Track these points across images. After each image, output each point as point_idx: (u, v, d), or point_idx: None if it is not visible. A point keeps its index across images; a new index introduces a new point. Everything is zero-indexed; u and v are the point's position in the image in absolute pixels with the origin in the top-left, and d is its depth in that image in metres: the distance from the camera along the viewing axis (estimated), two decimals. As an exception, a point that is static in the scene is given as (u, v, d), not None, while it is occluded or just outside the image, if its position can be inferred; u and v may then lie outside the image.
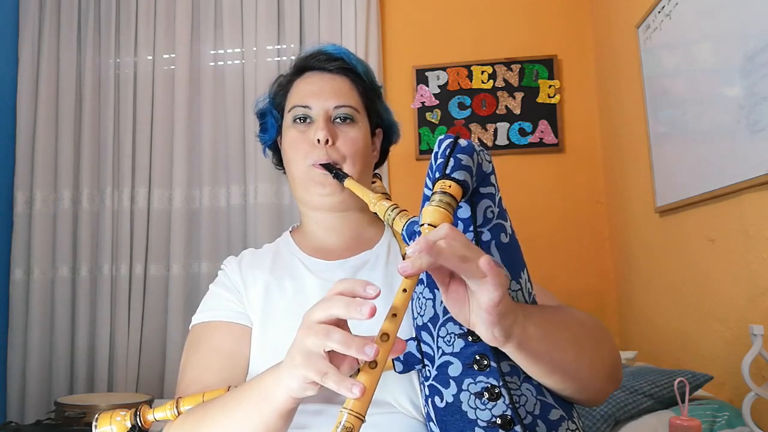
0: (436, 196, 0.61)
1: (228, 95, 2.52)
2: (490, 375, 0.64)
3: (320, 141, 0.87)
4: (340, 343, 0.54)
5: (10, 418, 2.34)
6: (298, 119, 0.91)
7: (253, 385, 0.67)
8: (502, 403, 0.63)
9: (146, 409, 0.79)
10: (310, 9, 2.52)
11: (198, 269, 2.45)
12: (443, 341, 0.67)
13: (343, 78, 0.93)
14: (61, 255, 2.45)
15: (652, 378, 1.34)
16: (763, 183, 1.26)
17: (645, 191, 1.90)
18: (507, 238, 0.68)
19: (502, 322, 0.57)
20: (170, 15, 2.56)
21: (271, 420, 0.63)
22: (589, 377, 0.68)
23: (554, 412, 0.66)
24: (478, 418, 0.64)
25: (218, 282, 0.93)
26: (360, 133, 0.91)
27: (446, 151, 0.64)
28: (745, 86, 1.30)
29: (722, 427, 1.20)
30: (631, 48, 1.96)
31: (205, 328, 0.88)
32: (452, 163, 0.63)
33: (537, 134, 2.41)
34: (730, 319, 1.43)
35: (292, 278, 0.89)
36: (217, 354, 0.84)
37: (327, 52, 0.93)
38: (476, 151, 0.66)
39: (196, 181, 2.52)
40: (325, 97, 0.90)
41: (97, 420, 0.79)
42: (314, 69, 0.93)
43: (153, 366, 2.41)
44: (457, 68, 2.47)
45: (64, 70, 2.54)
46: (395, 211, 0.78)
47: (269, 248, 0.98)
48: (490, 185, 0.68)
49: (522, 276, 0.69)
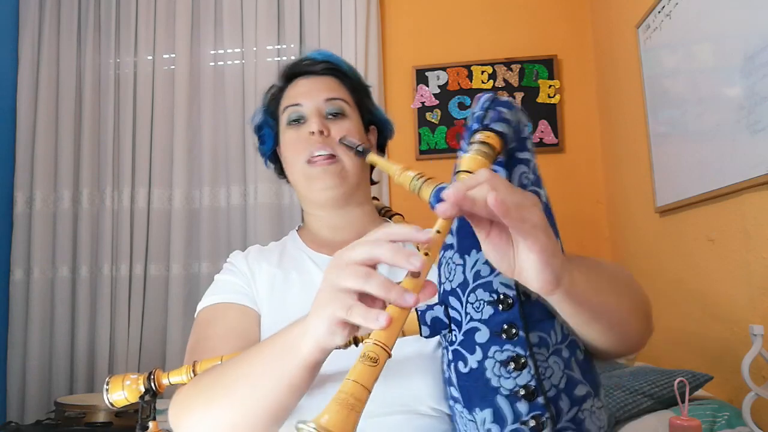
0: (474, 146, 0.58)
1: (228, 95, 2.52)
2: (517, 344, 0.63)
3: (314, 133, 0.89)
4: (379, 286, 0.51)
5: (10, 418, 2.34)
6: (292, 121, 0.94)
7: (277, 337, 0.64)
8: (527, 373, 0.62)
9: (160, 373, 0.76)
10: (310, 9, 2.52)
11: (198, 269, 2.45)
12: (472, 307, 0.65)
13: (331, 78, 0.97)
14: (61, 255, 2.45)
15: (652, 378, 1.34)
16: (763, 183, 1.26)
17: (645, 191, 1.90)
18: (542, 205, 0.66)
19: (553, 262, 0.53)
20: (170, 15, 2.56)
21: (296, 373, 0.60)
22: (629, 320, 0.67)
23: (581, 387, 0.65)
24: (501, 386, 0.63)
25: (225, 270, 0.95)
26: (352, 124, 0.94)
27: (485, 104, 0.62)
28: (745, 86, 1.30)
29: (722, 427, 1.20)
30: (631, 48, 1.96)
31: (215, 308, 0.88)
32: (492, 114, 0.60)
33: (537, 134, 2.41)
34: (730, 319, 1.43)
35: (298, 272, 0.91)
36: (232, 332, 0.83)
37: (312, 57, 0.98)
38: (516, 108, 0.64)
39: (196, 181, 2.52)
40: (315, 94, 0.93)
41: (108, 384, 0.76)
42: (302, 74, 0.97)
43: (153, 366, 2.37)
44: (457, 68, 2.47)
45: (64, 70, 2.54)
46: (421, 180, 0.74)
47: (276, 245, 1.00)
48: (527, 150, 0.66)
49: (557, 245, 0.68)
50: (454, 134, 2.45)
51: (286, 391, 0.62)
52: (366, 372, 0.47)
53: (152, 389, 0.76)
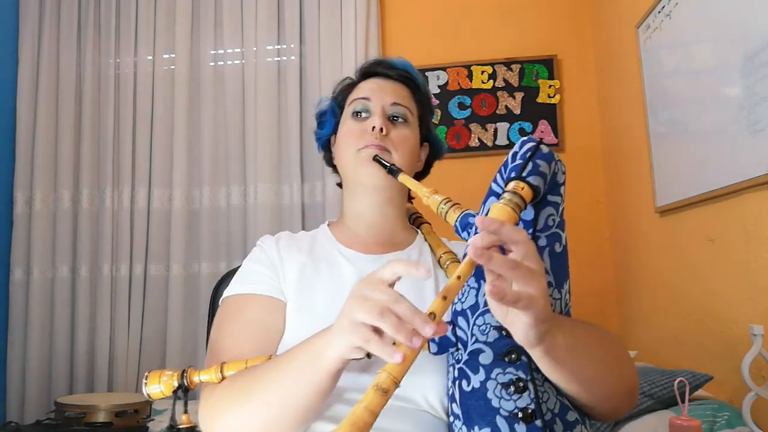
0: (507, 195, 0.63)
1: (228, 95, 2.52)
2: (519, 368, 0.66)
3: (375, 128, 0.92)
4: (392, 326, 0.57)
5: (10, 418, 2.34)
6: (356, 113, 0.97)
7: (303, 348, 0.71)
8: (527, 396, 0.65)
9: (193, 371, 0.83)
10: (310, 9, 2.52)
11: (198, 269, 2.45)
12: (478, 329, 0.68)
13: (403, 85, 1.00)
14: (60, 255, 2.45)
15: (652, 378, 1.34)
16: (763, 183, 1.26)
17: (645, 191, 1.90)
18: (560, 248, 0.71)
19: (539, 326, 0.58)
20: (170, 15, 2.56)
21: (322, 380, 0.68)
22: (605, 395, 0.70)
23: (571, 413, 0.69)
24: (501, 407, 0.66)
25: (253, 257, 0.97)
26: (411, 132, 0.97)
27: (526, 154, 0.66)
28: (745, 86, 1.30)
29: (722, 427, 1.20)
30: (631, 48, 1.96)
31: (239, 299, 0.90)
32: (530, 167, 0.65)
33: (537, 134, 2.41)
34: (730, 319, 1.43)
35: (328, 263, 0.93)
36: (252, 325, 0.87)
37: (391, 62, 1.02)
38: (555, 160, 0.68)
39: (196, 181, 2.52)
40: (384, 94, 0.97)
41: (147, 378, 0.84)
42: (378, 75, 1.01)
43: (153, 366, 2.40)
44: (457, 68, 2.47)
45: (64, 70, 2.54)
46: (448, 205, 0.80)
47: (306, 235, 1.03)
48: (558, 195, 0.71)
49: (564, 287, 0.71)
50: (455, 134, 2.45)
51: (314, 395, 0.69)
52: (376, 400, 0.56)
53: (184, 385, 0.83)
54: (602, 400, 0.71)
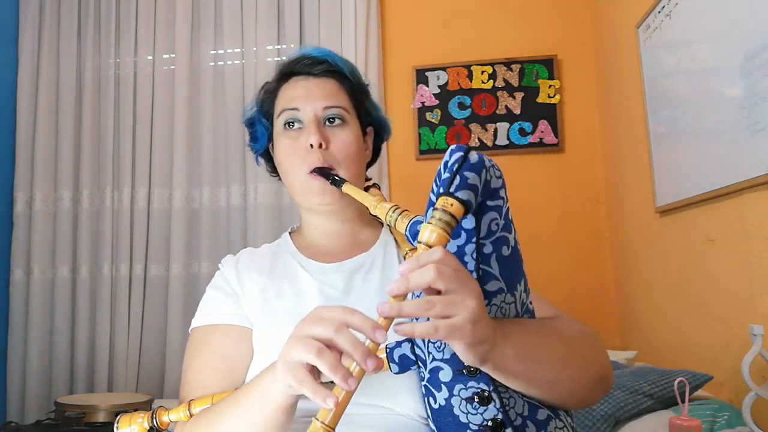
0: (437, 214, 0.59)
1: (228, 95, 2.52)
2: (480, 380, 0.65)
3: (313, 145, 0.86)
4: (329, 367, 0.56)
5: (10, 418, 2.34)
6: (287, 124, 0.90)
7: (252, 385, 0.69)
8: (493, 407, 0.64)
9: (162, 411, 0.83)
10: (310, 9, 2.52)
11: (198, 269, 2.45)
12: (434, 347, 0.67)
13: (330, 80, 0.92)
14: (61, 255, 2.45)
15: (652, 378, 1.34)
16: (763, 183, 1.26)
17: (645, 191, 1.90)
18: (509, 250, 0.67)
19: (475, 349, 0.57)
20: (170, 15, 2.56)
21: (275, 416, 0.65)
22: (569, 390, 0.69)
23: (541, 412, 0.67)
24: (470, 422, 0.65)
25: (215, 285, 0.93)
26: (352, 134, 0.91)
27: (454, 166, 0.61)
28: (745, 86, 1.30)
29: (722, 427, 1.20)
30: (631, 48, 1.96)
31: (203, 331, 0.89)
32: (458, 181, 0.60)
33: (537, 134, 2.41)
34: (730, 319, 1.43)
35: (290, 281, 0.89)
36: (215, 357, 0.85)
37: (311, 56, 0.92)
38: (485, 168, 0.63)
39: (196, 181, 2.52)
40: (313, 100, 0.89)
41: (118, 422, 0.84)
42: (300, 74, 0.93)
43: (153, 366, 2.40)
44: (457, 68, 2.47)
45: (64, 70, 2.54)
46: (396, 212, 0.78)
47: (268, 248, 0.98)
48: (499, 198, 0.66)
49: (518, 288, 0.69)
50: (454, 134, 2.45)
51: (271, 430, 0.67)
52: None
53: (155, 427, 0.83)
54: (568, 397, 0.69)
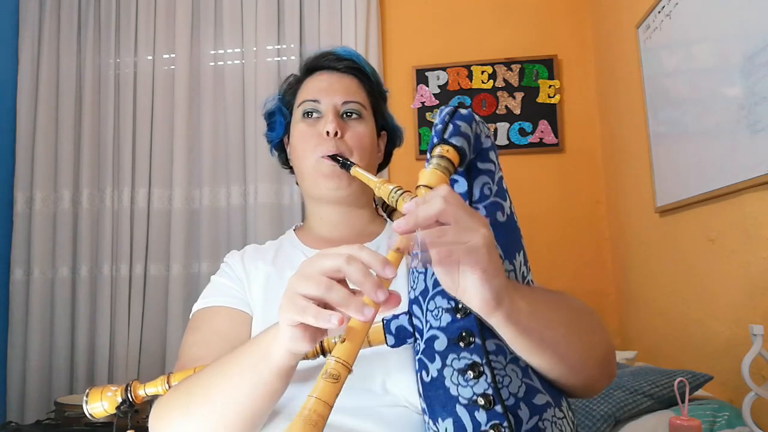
0: (434, 160, 0.61)
1: (228, 95, 2.52)
2: (474, 352, 0.63)
3: (329, 133, 0.89)
4: (339, 299, 0.52)
5: (10, 418, 2.34)
6: (306, 114, 0.93)
7: (251, 344, 0.65)
8: (484, 381, 0.63)
9: (137, 384, 0.78)
10: (310, 9, 2.52)
11: (198, 269, 2.45)
12: (431, 315, 0.66)
13: (352, 77, 0.96)
14: (61, 255, 2.45)
15: (652, 378, 1.34)
16: (763, 183, 1.26)
17: (645, 191, 1.90)
18: (504, 217, 0.67)
19: (493, 282, 0.54)
20: (170, 15, 2.56)
21: (270, 379, 0.62)
22: (579, 361, 0.66)
23: (540, 396, 0.65)
24: (460, 395, 0.63)
25: (220, 273, 0.95)
26: (367, 128, 0.94)
27: (445, 118, 0.64)
28: (745, 86, 1.30)
29: (722, 427, 1.20)
30: (631, 48, 1.96)
31: (206, 312, 0.89)
32: (451, 129, 0.63)
33: (537, 134, 2.41)
34: (730, 319, 1.43)
35: (293, 269, 0.89)
36: (216, 336, 0.85)
37: (336, 53, 0.97)
38: (475, 121, 0.65)
39: (196, 181, 2.52)
40: (333, 93, 0.93)
41: (87, 396, 0.78)
42: (324, 68, 0.96)
43: (153, 366, 2.40)
44: (457, 68, 2.47)
45: (64, 70, 2.54)
46: (398, 192, 0.78)
47: (272, 244, 1.01)
48: (489, 161, 0.67)
49: (517, 258, 0.68)
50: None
51: (262, 397, 0.63)
52: (327, 389, 0.49)
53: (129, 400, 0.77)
54: (574, 371, 0.66)
